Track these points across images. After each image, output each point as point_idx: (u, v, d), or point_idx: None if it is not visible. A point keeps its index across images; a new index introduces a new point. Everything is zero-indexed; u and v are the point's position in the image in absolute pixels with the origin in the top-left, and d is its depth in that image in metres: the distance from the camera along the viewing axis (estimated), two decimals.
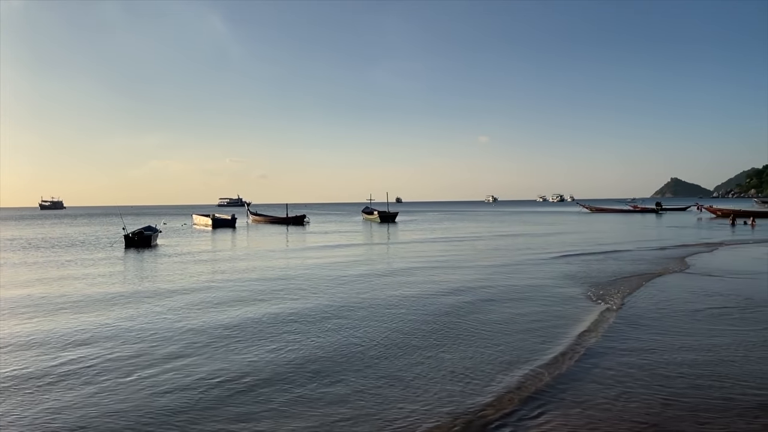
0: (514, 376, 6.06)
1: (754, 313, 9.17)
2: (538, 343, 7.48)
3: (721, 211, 53.81)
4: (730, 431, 4.58)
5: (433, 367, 6.44)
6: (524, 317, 9.22)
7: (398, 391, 5.62)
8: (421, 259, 18.95)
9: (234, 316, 9.52)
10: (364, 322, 8.88)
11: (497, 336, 7.93)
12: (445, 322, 8.85)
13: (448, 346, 7.37)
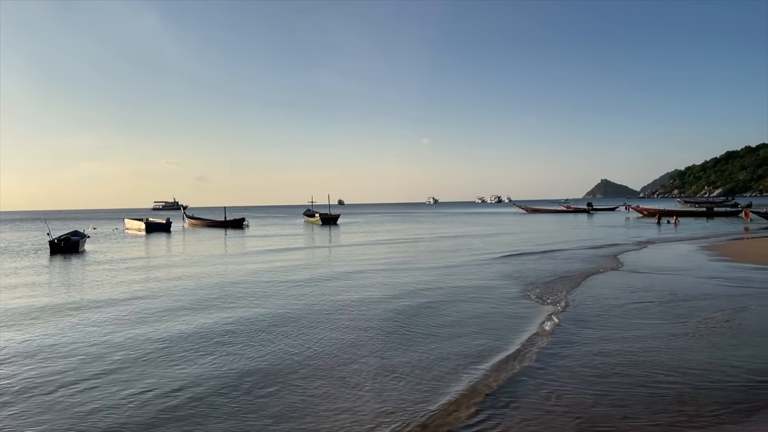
0: (464, 380, 6.04)
1: (677, 308, 9.63)
2: (488, 346, 7.47)
3: (648, 211, 56.95)
4: (653, 424, 4.75)
5: (383, 373, 6.33)
6: (472, 319, 9.22)
7: (347, 400, 5.48)
8: (365, 262, 18.81)
9: (169, 327, 9.03)
10: (309, 330, 8.62)
11: (446, 339, 7.88)
12: (393, 327, 8.73)
13: (396, 351, 7.27)
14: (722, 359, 6.62)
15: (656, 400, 5.33)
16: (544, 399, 5.42)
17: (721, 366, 6.35)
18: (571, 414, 5.01)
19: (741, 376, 6.00)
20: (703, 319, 8.82)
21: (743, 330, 8.05)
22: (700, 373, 6.13)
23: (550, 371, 6.30)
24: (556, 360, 6.75)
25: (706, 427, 4.68)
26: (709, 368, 6.29)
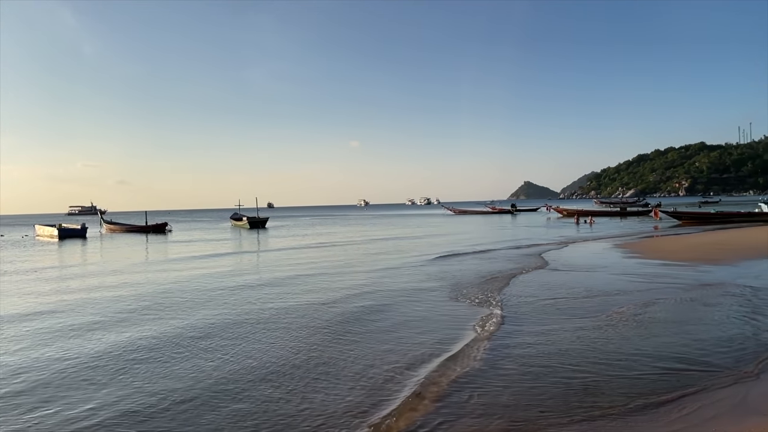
0: (408, 385, 6.02)
1: (592, 303, 10.14)
2: (426, 351, 7.42)
3: (567, 211, 59.95)
4: (569, 419, 4.96)
5: (324, 380, 6.22)
6: (410, 324, 9.11)
7: (289, 414, 5.35)
8: (297, 267, 18.34)
9: (83, 345, 8.39)
10: (240, 342, 8.18)
11: (385, 345, 7.77)
12: (330, 335, 8.47)
13: (335, 359, 7.12)
14: (631, 351, 7.03)
15: (571, 394, 5.57)
16: (465, 400, 5.53)
17: (631, 357, 6.73)
18: (492, 414, 5.14)
19: (649, 366, 6.38)
20: (612, 313, 9.34)
21: (651, 322, 8.57)
22: (612, 365, 6.47)
23: (474, 372, 6.44)
24: (480, 361, 6.91)
25: (619, 418, 4.93)
26: (620, 360, 6.66)
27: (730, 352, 6.86)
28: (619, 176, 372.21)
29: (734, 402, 5.13)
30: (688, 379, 5.90)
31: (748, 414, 4.76)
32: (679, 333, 7.90)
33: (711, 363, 6.45)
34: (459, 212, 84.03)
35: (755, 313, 8.99)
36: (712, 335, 7.71)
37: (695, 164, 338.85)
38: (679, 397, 5.37)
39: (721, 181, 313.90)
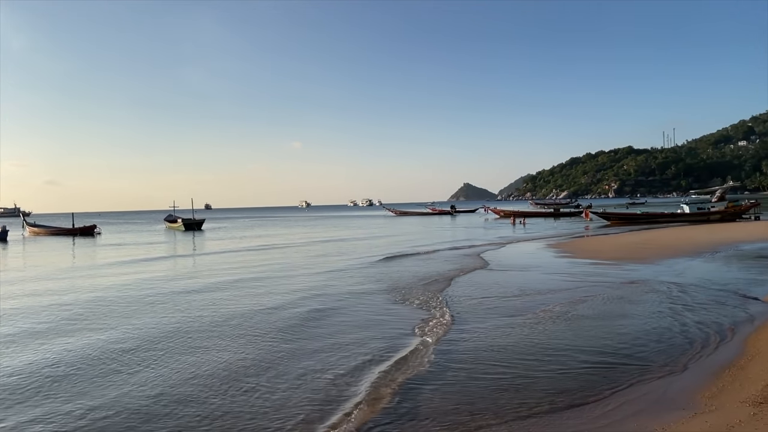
0: (355, 392, 5.90)
1: (525, 302, 10.42)
2: (368, 356, 7.30)
3: (504, 212, 61.70)
4: (498, 419, 5.04)
5: (268, 393, 5.97)
6: (353, 329, 8.94)
7: (234, 426, 5.13)
8: (235, 271, 17.79)
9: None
10: (174, 353, 7.69)
11: (332, 351, 7.56)
12: (273, 342, 8.16)
13: (282, 366, 6.89)
14: (560, 348, 7.22)
15: (502, 394, 5.66)
16: (396, 405, 5.51)
17: (560, 355, 6.92)
18: (425, 418, 5.13)
19: (577, 363, 6.57)
20: (543, 311, 9.61)
21: (579, 320, 8.86)
22: (542, 363, 6.64)
23: (411, 377, 6.43)
24: (417, 365, 6.90)
25: (545, 416, 5.04)
26: (549, 358, 6.84)
27: (654, 348, 7.17)
28: (553, 178, 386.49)
29: (656, 397, 5.35)
30: (614, 375, 6.12)
31: (669, 409, 4.98)
32: (605, 330, 8.20)
33: (636, 358, 6.73)
34: (400, 213, 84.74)
35: (678, 309, 9.47)
36: (637, 331, 8.05)
37: (624, 167, 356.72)
38: (604, 393, 5.55)
39: (648, 183, 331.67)
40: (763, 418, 4.41)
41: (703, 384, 5.58)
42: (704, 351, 6.94)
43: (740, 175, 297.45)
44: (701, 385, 5.57)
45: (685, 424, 4.55)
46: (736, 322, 8.37)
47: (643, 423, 4.68)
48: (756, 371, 5.74)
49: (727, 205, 40.68)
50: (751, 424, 4.33)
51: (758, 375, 5.59)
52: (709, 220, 37.92)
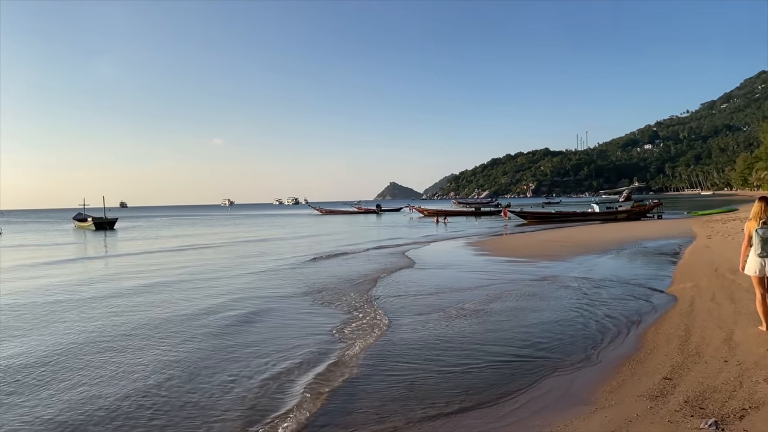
0: (283, 400, 5.63)
1: (444, 300, 10.54)
2: (308, 358, 7.07)
3: (427, 211, 62.83)
4: (407, 422, 5.00)
5: (193, 403, 5.59)
6: (280, 333, 8.52)
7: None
8: (150, 275, 16.64)
9: None
10: (84, 370, 6.95)
11: (252, 359, 7.17)
12: (196, 351, 7.63)
13: (204, 378, 6.44)
14: (473, 346, 7.27)
15: (411, 395, 5.59)
16: (309, 410, 5.35)
17: (472, 352, 6.96)
18: (333, 424, 4.99)
19: (489, 360, 6.62)
20: (459, 308, 9.72)
21: (493, 316, 8.99)
22: (454, 361, 6.64)
23: (325, 379, 6.28)
24: (331, 368, 6.73)
25: (453, 416, 5.01)
26: (461, 356, 6.85)
27: (563, 343, 7.39)
28: (475, 178, 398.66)
29: (561, 393, 5.49)
30: (524, 371, 6.23)
31: (572, 405, 5.10)
32: (517, 326, 8.38)
33: (545, 354, 6.89)
34: (326, 212, 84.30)
35: (586, 304, 9.86)
36: (548, 327, 8.28)
37: (541, 168, 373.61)
38: (513, 391, 5.61)
39: (563, 183, 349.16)
40: (659, 411, 4.61)
41: (605, 378, 5.78)
42: (608, 345, 7.22)
43: (646, 176, 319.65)
44: (603, 379, 5.77)
45: (586, 420, 4.67)
46: (640, 315, 8.79)
47: (548, 420, 4.77)
48: (654, 364, 6.04)
49: (633, 205, 43.43)
50: (647, 418, 4.51)
51: (655, 368, 5.87)
52: (616, 218, 40.27)
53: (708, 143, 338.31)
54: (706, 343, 6.50)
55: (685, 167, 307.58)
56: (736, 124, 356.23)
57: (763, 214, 6.63)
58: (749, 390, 4.79)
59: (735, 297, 8.88)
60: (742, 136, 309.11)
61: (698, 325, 7.44)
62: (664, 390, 5.11)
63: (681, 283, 11.22)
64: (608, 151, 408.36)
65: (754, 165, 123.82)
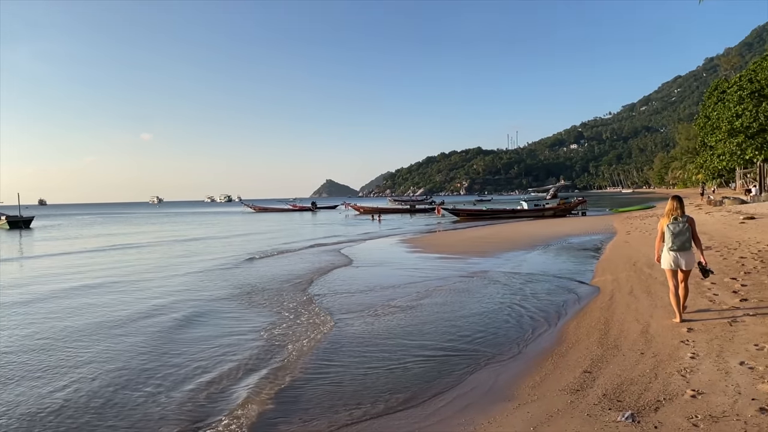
0: (209, 408, 5.34)
1: (377, 298, 10.48)
2: (237, 365, 6.72)
3: (363, 209, 62.80)
4: (331, 425, 4.88)
5: (131, 412, 5.21)
6: (214, 338, 8.10)
7: None
8: (69, 278, 15.48)
9: None
10: (9, 385, 6.36)
11: (185, 367, 6.75)
12: (130, 358, 7.19)
13: (138, 387, 6.06)
14: (403, 343, 7.23)
15: (337, 397, 5.46)
16: (230, 418, 5.12)
17: (401, 350, 6.91)
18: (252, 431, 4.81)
19: (418, 357, 6.58)
20: (390, 306, 9.69)
21: (423, 313, 9.00)
22: (383, 360, 6.56)
23: (249, 384, 6.05)
24: (259, 373, 6.51)
25: (379, 417, 4.92)
26: (391, 354, 6.79)
27: (491, 338, 7.46)
28: (411, 176, 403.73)
29: (486, 389, 5.51)
30: (450, 368, 6.22)
31: (496, 401, 5.12)
32: (447, 322, 8.41)
33: (473, 349, 6.92)
34: (260, 210, 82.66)
35: (515, 298, 10.03)
36: (477, 322, 8.36)
37: (473, 166, 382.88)
38: (438, 389, 5.57)
39: (494, 181, 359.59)
40: (579, 405, 4.69)
41: (529, 372, 5.86)
42: (534, 339, 7.37)
43: (572, 174, 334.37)
44: (527, 373, 5.84)
45: (509, 416, 4.69)
46: (565, 308, 9.06)
47: (472, 417, 4.75)
48: (575, 358, 6.18)
49: (559, 202, 45.18)
50: (567, 412, 4.57)
51: (576, 362, 6.01)
52: (543, 215, 41.74)
53: (628, 144, 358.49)
54: (624, 336, 6.74)
55: (608, 166, 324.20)
56: (654, 126, 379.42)
57: (675, 211, 6.97)
58: (663, 382, 4.97)
59: (651, 290, 9.30)
60: (659, 137, 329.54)
61: (617, 319, 7.72)
62: (584, 384, 5.23)
63: (602, 277, 11.68)
64: (537, 151, 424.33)
65: (670, 165, 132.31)
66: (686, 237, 6.87)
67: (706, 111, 62.53)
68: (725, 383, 4.72)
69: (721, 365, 5.18)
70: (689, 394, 4.56)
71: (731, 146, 53.55)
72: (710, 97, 62.33)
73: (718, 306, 7.54)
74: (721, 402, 4.34)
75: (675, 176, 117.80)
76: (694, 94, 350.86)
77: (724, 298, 7.97)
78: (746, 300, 7.68)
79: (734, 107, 52.92)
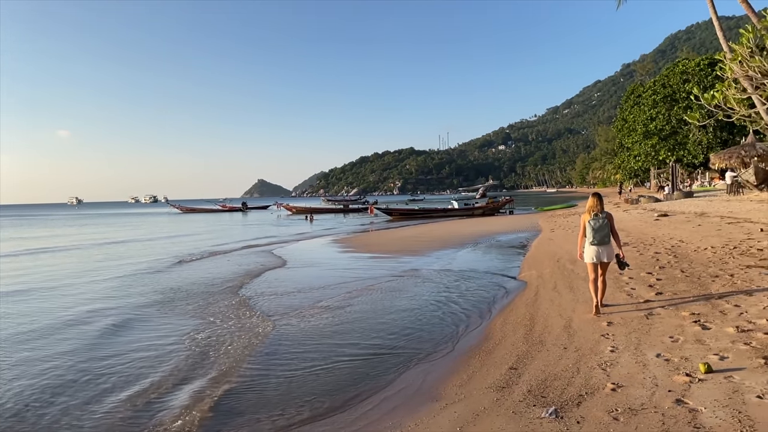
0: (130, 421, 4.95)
1: (308, 298, 10.24)
2: (171, 373, 6.34)
3: (296, 209, 61.94)
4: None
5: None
6: (133, 350, 7.54)
7: None
8: None
9: None
10: None
11: (121, 377, 6.32)
12: (58, 368, 6.68)
13: (64, 401, 5.56)
14: (334, 345, 7.08)
15: (262, 404, 5.24)
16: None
17: (332, 352, 6.74)
18: None
19: (347, 359, 6.44)
20: (321, 307, 9.49)
21: (354, 313, 8.87)
22: (309, 364, 6.37)
23: (173, 394, 5.68)
24: (182, 384, 6.15)
25: (304, 424, 4.73)
26: (322, 357, 6.62)
27: (421, 337, 7.41)
28: (344, 176, 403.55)
29: (413, 389, 5.41)
30: (379, 369, 6.10)
31: (423, 401, 5.03)
32: (377, 322, 8.30)
33: (403, 349, 6.84)
34: (187, 210, 79.77)
35: (445, 296, 10.07)
36: (407, 321, 8.30)
37: (406, 166, 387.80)
38: (366, 391, 5.45)
39: (426, 181, 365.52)
40: (504, 403, 4.68)
41: (457, 371, 5.83)
42: (463, 336, 7.39)
43: (500, 174, 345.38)
44: (455, 372, 5.81)
45: (436, 416, 4.61)
46: (492, 305, 9.18)
47: (399, 420, 4.63)
48: (501, 354, 6.21)
49: (488, 202, 46.35)
50: (493, 410, 4.54)
51: (503, 358, 6.04)
52: (473, 214, 42.66)
53: (553, 145, 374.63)
54: (549, 331, 6.86)
55: (534, 167, 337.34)
56: (576, 128, 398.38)
57: (595, 208, 7.23)
58: (585, 376, 5.05)
59: (573, 286, 9.58)
60: (581, 139, 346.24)
61: (542, 314, 7.87)
62: (510, 380, 5.24)
63: (528, 272, 11.97)
64: (467, 151, 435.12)
65: (590, 165, 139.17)
66: (606, 232, 7.18)
67: (624, 114, 66.40)
68: (643, 376, 4.85)
69: (639, 358, 5.33)
70: (609, 388, 4.65)
71: (646, 147, 57.05)
72: (627, 101, 66.15)
73: (636, 300, 7.84)
74: (639, 395, 4.44)
75: (595, 176, 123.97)
76: (612, 98, 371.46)
77: (641, 292, 8.31)
78: (661, 294, 8.04)
79: (649, 110, 56.41)
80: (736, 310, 6.65)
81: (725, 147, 41.53)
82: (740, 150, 31.20)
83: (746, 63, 9.57)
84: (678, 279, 8.97)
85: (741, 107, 10.08)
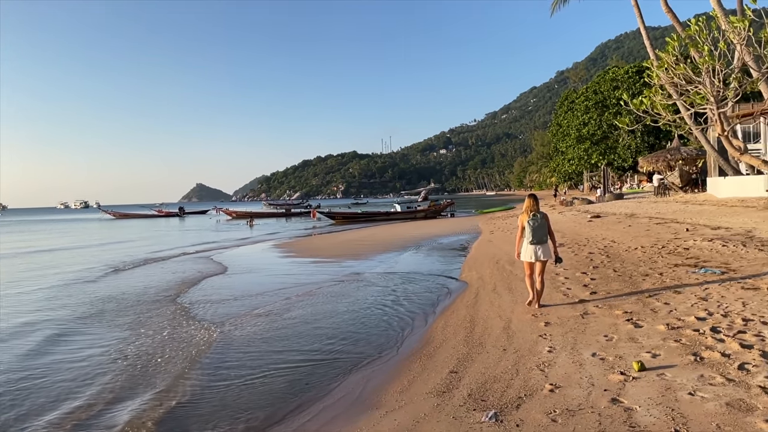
0: None
1: (244, 305, 9.92)
2: (143, 380, 5.99)
3: (236, 213, 60.57)
4: None
5: None
6: (74, 359, 7.21)
7: None
8: None
9: None
10: None
11: (52, 397, 5.87)
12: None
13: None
14: (266, 355, 6.85)
15: (192, 421, 4.97)
16: None
17: (263, 362, 6.53)
18: None
19: (285, 368, 6.25)
20: (257, 315, 9.22)
21: (291, 320, 8.64)
22: (245, 374, 6.14)
23: (99, 410, 5.30)
24: (107, 404, 5.77)
25: None
26: (253, 367, 6.40)
27: (362, 342, 7.29)
28: (287, 180, 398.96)
29: (353, 397, 5.27)
30: (318, 378, 5.94)
31: (364, 409, 4.90)
32: (318, 328, 8.12)
33: (343, 356, 6.70)
34: (121, 216, 76.43)
35: (389, 301, 9.97)
36: (348, 326, 8.16)
37: (349, 170, 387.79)
38: (303, 402, 5.27)
39: (370, 185, 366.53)
40: (444, 408, 4.61)
41: (398, 376, 5.73)
42: (405, 339, 7.33)
43: (441, 178, 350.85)
44: (396, 377, 5.71)
45: (376, 425, 4.48)
46: (435, 307, 9.19)
47: (338, 430, 4.50)
48: (442, 358, 6.17)
49: (430, 205, 46.92)
50: (434, 416, 4.47)
51: (444, 362, 6.00)
52: (416, 217, 42.99)
53: (492, 149, 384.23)
54: (488, 333, 6.89)
55: (474, 170, 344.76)
56: (514, 133, 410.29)
57: (532, 208, 7.42)
58: (524, 377, 5.07)
59: (512, 287, 9.73)
60: (518, 143, 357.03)
61: (482, 316, 7.92)
62: (450, 384, 5.19)
63: (469, 274, 12.08)
64: (409, 155, 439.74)
65: (527, 169, 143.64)
66: (544, 231, 7.49)
67: (558, 119, 68.98)
68: (579, 375, 4.91)
69: (576, 357, 5.41)
70: (548, 389, 4.67)
71: (579, 151, 59.44)
72: (561, 107, 68.75)
73: (572, 299, 8.02)
74: (576, 395, 4.48)
75: (532, 179, 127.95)
76: (547, 103, 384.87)
77: (576, 291, 8.52)
78: (595, 293, 8.27)
79: (581, 116, 58.80)
80: (666, 307, 6.91)
81: (652, 151, 43.79)
82: (666, 154, 33.01)
83: (672, 70, 10.01)
84: (611, 278, 9.26)
85: (667, 113, 10.53)
